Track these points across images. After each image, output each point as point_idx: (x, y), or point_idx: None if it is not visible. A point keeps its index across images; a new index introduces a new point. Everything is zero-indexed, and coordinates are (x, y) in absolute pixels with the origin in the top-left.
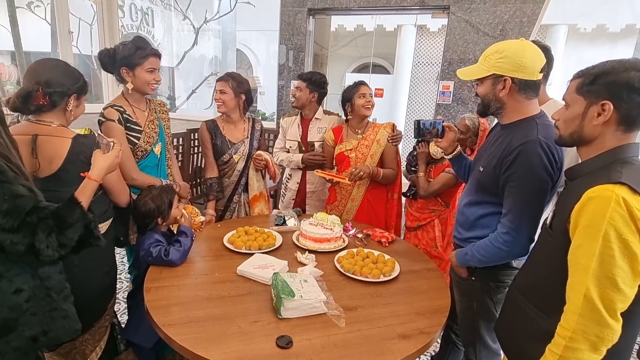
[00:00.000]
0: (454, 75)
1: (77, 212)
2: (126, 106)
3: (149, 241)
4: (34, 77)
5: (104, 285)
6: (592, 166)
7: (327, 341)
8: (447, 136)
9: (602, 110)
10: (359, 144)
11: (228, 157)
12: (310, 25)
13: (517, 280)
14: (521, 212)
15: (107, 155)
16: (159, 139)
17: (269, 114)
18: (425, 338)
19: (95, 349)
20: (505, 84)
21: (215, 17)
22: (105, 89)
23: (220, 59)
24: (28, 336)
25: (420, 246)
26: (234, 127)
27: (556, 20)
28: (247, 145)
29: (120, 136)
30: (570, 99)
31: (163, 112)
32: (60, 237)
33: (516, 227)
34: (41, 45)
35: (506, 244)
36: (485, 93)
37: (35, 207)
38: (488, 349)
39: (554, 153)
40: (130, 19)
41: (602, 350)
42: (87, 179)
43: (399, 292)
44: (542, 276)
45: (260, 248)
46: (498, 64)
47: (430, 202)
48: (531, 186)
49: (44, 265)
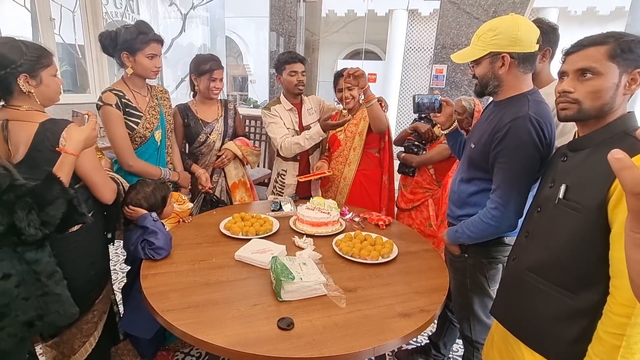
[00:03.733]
0: (447, 59)
1: (56, 188)
2: (126, 91)
3: (136, 236)
4: None
5: (88, 276)
6: (604, 135)
7: (329, 321)
8: (444, 111)
9: (632, 79)
10: (348, 124)
11: (204, 136)
12: (301, 10)
13: (526, 259)
14: (510, 187)
15: (83, 128)
16: (159, 124)
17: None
18: (426, 316)
19: (85, 345)
20: (504, 60)
21: (203, 2)
22: (92, 79)
23: (209, 47)
24: (23, 321)
25: (414, 226)
26: (207, 108)
27: (547, 3)
28: (221, 124)
29: (118, 121)
30: (602, 66)
31: (165, 99)
32: (41, 214)
33: (504, 203)
34: (21, 34)
35: (494, 219)
36: (483, 73)
37: (12, 185)
38: (482, 324)
39: (544, 129)
40: (114, 5)
41: None
42: (63, 154)
43: (398, 272)
44: (565, 255)
45: (258, 233)
46: (494, 42)
47: (425, 180)
48: (520, 162)
49: (30, 249)
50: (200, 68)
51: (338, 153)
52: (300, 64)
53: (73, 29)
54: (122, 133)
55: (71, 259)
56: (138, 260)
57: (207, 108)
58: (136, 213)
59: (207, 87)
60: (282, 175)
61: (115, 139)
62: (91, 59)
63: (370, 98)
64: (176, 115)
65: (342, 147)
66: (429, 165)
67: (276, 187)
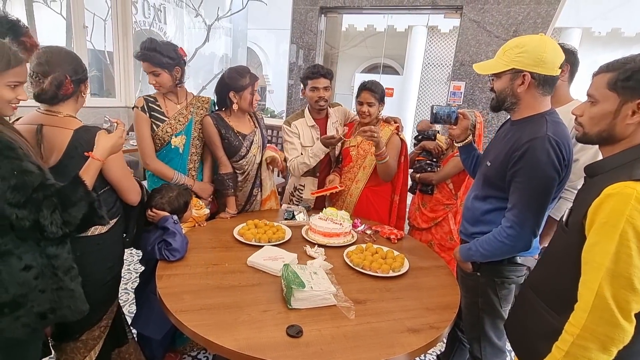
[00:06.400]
0: (466, 76)
1: (80, 191)
2: (159, 96)
3: (155, 236)
4: (58, 66)
5: (105, 281)
6: (615, 163)
7: (337, 332)
8: (460, 124)
9: (638, 108)
10: (362, 141)
11: (245, 150)
12: (322, 24)
13: (530, 277)
14: (526, 207)
15: (111, 135)
16: (183, 131)
17: (278, 112)
18: (435, 333)
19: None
20: (524, 79)
21: (227, 14)
22: (118, 84)
23: (231, 57)
24: (37, 312)
25: (434, 241)
26: (242, 120)
27: (570, 23)
28: (259, 136)
29: (142, 123)
30: (600, 94)
31: (203, 108)
32: (64, 214)
33: (520, 222)
34: (56, 40)
35: (509, 238)
36: (502, 88)
37: (42, 185)
38: (493, 346)
39: (562, 150)
40: (143, 15)
41: (613, 351)
42: (90, 159)
43: (408, 287)
44: (554, 274)
45: (270, 240)
46: (518, 59)
47: (445, 196)
48: (537, 182)
49: (52, 244)
50: (241, 83)
51: (348, 169)
52: (323, 78)
53: (103, 36)
54: (144, 134)
55: (91, 261)
56: (153, 260)
57: (241, 121)
58: (158, 216)
59: (249, 101)
60: (299, 190)
61: (138, 138)
62: (119, 65)
63: (381, 158)
64: (209, 126)
65: (353, 164)
66: (447, 180)
67: (293, 202)
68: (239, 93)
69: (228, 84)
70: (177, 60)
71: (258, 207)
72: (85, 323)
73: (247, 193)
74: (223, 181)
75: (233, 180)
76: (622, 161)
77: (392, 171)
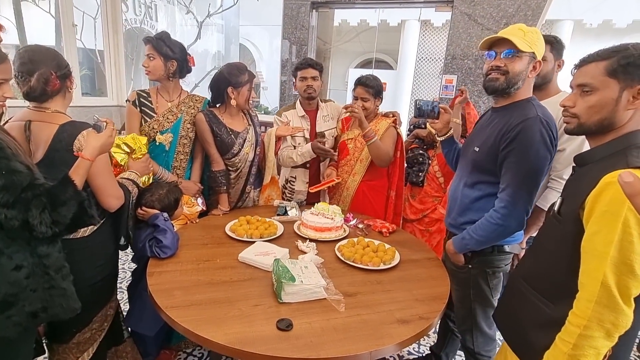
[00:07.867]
0: (457, 69)
1: (69, 190)
2: (152, 92)
3: (145, 234)
4: (41, 63)
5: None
6: (605, 151)
7: (327, 325)
8: (442, 118)
9: (638, 94)
10: (359, 134)
11: (238, 148)
12: (314, 19)
13: (520, 267)
14: (519, 186)
15: (100, 135)
16: (170, 129)
17: (272, 109)
18: (424, 323)
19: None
20: (537, 65)
21: (219, 11)
22: (109, 83)
23: (224, 54)
24: (28, 312)
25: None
26: (235, 117)
27: (561, 15)
28: (252, 134)
29: (131, 116)
30: (599, 82)
31: (195, 107)
32: (53, 214)
33: (513, 201)
34: (45, 39)
35: (503, 218)
36: (520, 70)
37: (31, 184)
38: (484, 335)
39: (553, 131)
40: (133, 12)
41: (615, 336)
42: (80, 158)
43: (399, 279)
44: (548, 263)
45: (262, 236)
46: (537, 45)
47: (434, 188)
48: (531, 161)
49: (42, 243)
50: (240, 79)
51: (345, 162)
52: (311, 69)
53: (94, 34)
54: (132, 127)
55: (78, 259)
56: (145, 258)
57: (235, 118)
58: (148, 214)
59: (247, 98)
60: (291, 182)
61: (127, 131)
62: (110, 64)
63: (368, 139)
64: (202, 123)
65: (350, 157)
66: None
67: (285, 194)
68: (237, 89)
69: (227, 79)
70: (177, 55)
71: (251, 204)
72: (75, 323)
73: (240, 190)
74: (216, 178)
75: (226, 178)
76: (613, 150)
77: (384, 155)
